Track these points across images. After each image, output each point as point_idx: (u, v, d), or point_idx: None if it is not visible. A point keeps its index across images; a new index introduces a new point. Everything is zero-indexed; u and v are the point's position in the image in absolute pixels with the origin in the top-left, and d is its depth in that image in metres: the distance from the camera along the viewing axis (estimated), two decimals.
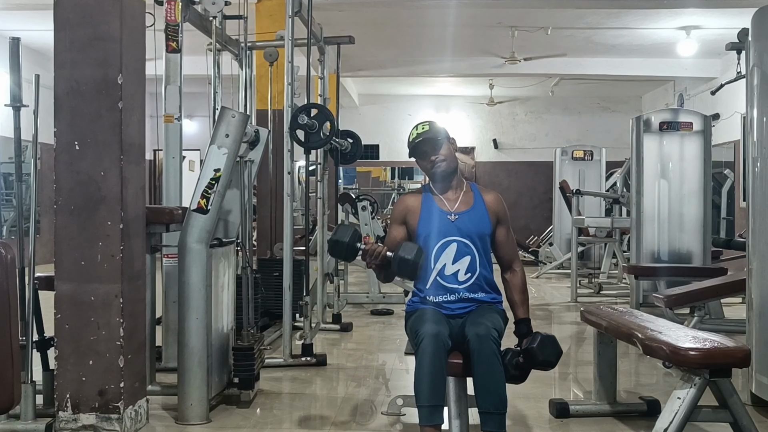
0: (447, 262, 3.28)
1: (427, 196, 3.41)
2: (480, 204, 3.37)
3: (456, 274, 3.28)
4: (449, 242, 3.29)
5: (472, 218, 3.33)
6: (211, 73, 5.93)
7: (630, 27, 10.24)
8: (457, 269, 3.28)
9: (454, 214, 3.32)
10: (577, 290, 8.70)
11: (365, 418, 3.99)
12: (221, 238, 4.14)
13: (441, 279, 3.29)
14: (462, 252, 3.28)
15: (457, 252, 3.28)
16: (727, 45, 5.33)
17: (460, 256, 3.28)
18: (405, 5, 9.16)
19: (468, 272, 3.29)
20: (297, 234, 6.88)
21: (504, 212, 3.42)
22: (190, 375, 3.80)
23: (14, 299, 2.63)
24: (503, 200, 3.46)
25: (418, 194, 3.45)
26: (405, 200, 3.49)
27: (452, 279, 3.28)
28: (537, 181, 15.52)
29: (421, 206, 3.37)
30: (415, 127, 3.43)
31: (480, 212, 3.35)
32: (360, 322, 6.97)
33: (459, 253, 3.28)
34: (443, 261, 3.28)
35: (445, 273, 3.29)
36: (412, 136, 3.40)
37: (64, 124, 3.53)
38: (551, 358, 3.14)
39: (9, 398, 2.52)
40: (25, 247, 3.66)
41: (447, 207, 3.35)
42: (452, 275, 3.28)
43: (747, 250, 4.19)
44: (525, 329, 3.32)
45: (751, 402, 4.02)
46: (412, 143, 3.39)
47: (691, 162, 7.78)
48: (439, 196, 3.38)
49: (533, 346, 3.13)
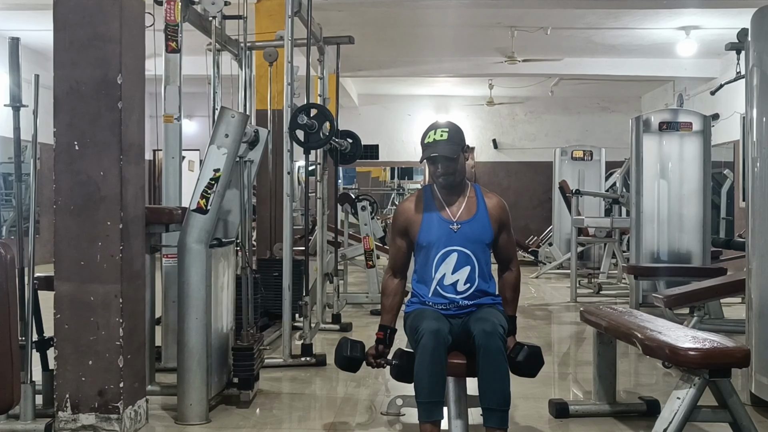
0: (447, 272, 3.28)
1: (428, 200, 3.36)
2: (483, 212, 3.33)
3: (455, 285, 3.29)
4: (450, 252, 3.28)
5: (474, 228, 3.30)
6: (210, 73, 5.93)
7: (630, 27, 10.24)
8: (456, 279, 3.29)
9: (456, 224, 3.30)
10: (576, 290, 8.70)
11: (365, 418, 3.98)
12: (221, 238, 4.13)
13: (440, 288, 3.30)
14: (462, 262, 3.28)
15: (457, 262, 3.28)
16: (726, 45, 5.34)
17: (460, 266, 3.28)
18: (405, 5, 9.16)
19: (467, 282, 3.29)
20: (296, 234, 6.88)
21: (507, 218, 3.40)
22: (189, 375, 3.80)
23: (14, 299, 2.62)
24: (506, 205, 3.42)
25: (418, 199, 3.38)
26: (405, 209, 3.42)
27: (451, 289, 3.29)
28: (536, 181, 15.51)
29: (422, 213, 3.33)
30: (434, 131, 3.30)
31: (482, 221, 3.32)
32: (360, 322, 6.96)
33: (459, 263, 3.28)
34: (443, 271, 3.28)
35: (444, 282, 3.29)
36: (429, 139, 3.29)
37: (64, 125, 3.53)
38: (534, 371, 3.26)
39: (8, 398, 2.51)
40: (24, 247, 3.66)
41: (449, 215, 3.32)
42: (451, 285, 3.29)
43: (746, 250, 4.18)
44: (511, 326, 3.34)
45: (750, 402, 4.02)
46: (426, 147, 3.29)
47: (690, 162, 7.78)
48: (441, 201, 3.35)
49: (519, 360, 3.21)
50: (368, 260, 8.02)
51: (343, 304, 7.23)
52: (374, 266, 8.03)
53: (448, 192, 3.35)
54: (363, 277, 9.15)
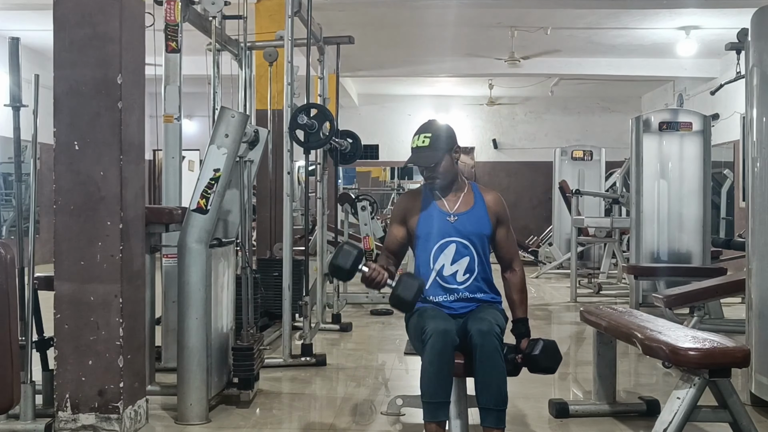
0: (446, 263, 3.29)
1: (426, 195, 3.40)
2: (480, 204, 3.36)
3: (455, 275, 3.29)
4: (448, 243, 3.29)
5: (471, 219, 3.32)
6: (210, 73, 5.93)
7: (630, 27, 10.24)
8: (455, 270, 3.29)
9: (453, 215, 3.32)
10: (576, 290, 8.70)
11: (365, 418, 3.99)
12: (221, 238, 4.13)
13: (440, 279, 3.29)
14: (461, 253, 3.28)
15: (456, 253, 3.28)
16: (726, 45, 5.34)
17: (459, 257, 3.28)
18: (405, 5, 9.16)
19: (466, 273, 3.29)
20: (296, 234, 6.87)
21: (504, 212, 3.40)
22: (189, 375, 3.80)
23: (14, 299, 2.62)
24: (503, 200, 3.44)
25: (418, 193, 3.44)
26: (404, 200, 3.49)
27: (451, 279, 3.29)
28: (536, 181, 15.52)
29: (420, 206, 3.37)
30: (417, 136, 3.35)
31: (479, 213, 3.35)
32: (360, 322, 6.97)
33: (458, 254, 3.28)
34: (442, 261, 3.29)
35: (443, 273, 3.29)
36: (413, 144, 3.35)
37: (64, 124, 3.53)
38: (553, 365, 3.22)
39: (8, 398, 2.51)
40: (24, 247, 3.66)
41: (446, 207, 3.34)
42: (451, 275, 3.29)
43: (746, 250, 4.18)
44: (523, 329, 3.33)
45: (750, 402, 4.02)
46: (411, 151, 3.36)
47: (690, 162, 7.77)
48: (438, 196, 3.38)
49: (536, 353, 3.17)
50: (368, 260, 8.02)
51: (343, 304, 7.23)
52: None
53: (445, 190, 3.38)
54: None
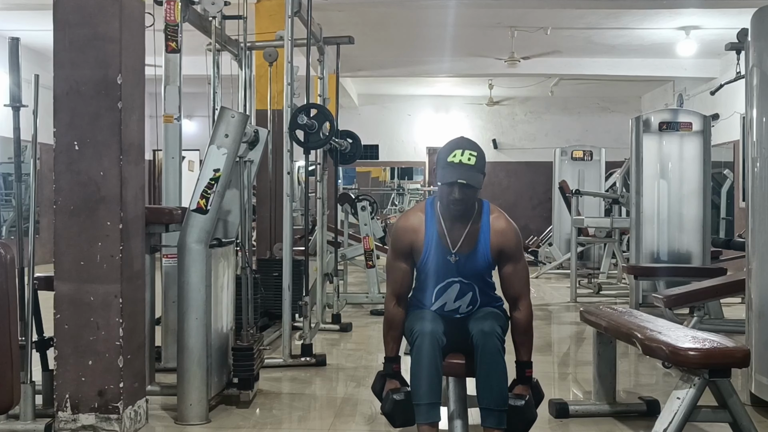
0: (448, 300, 3.26)
1: (430, 220, 3.18)
2: (484, 241, 3.16)
3: (457, 309, 3.28)
4: (451, 283, 3.22)
5: (472, 260, 3.18)
6: (210, 73, 5.93)
7: (629, 27, 10.23)
8: (458, 305, 3.27)
9: (454, 255, 3.17)
10: (576, 290, 8.70)
11: (365, 418, 3.98)
12: (221, 239, 4.13)
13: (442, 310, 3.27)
14: (464, 291, 3.24)
15: (459, 292, 3.24)
16: (726, 45, 5.34)
17: (462, 294, 3.25)
18: (405, 5, 9.16)
19: (470, 305, 3.28)
20: (296, 234, 6.87)
21: (512, 246, 3.17)
22: (189, 375, 3.80)
23: (14, 299, 2.63)
24: (514, 232, 3.18)
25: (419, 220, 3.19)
26: (408, 229, 3.21)
27: (453, 312, 3.28)
28: (536, 181, 15.51)
29: (423, 238, 3.17)
30: (462, 151, 3.05)
31: (482, 252, 3.17)
32: (359, 323, 6.96)
33: (461, 292, 3.24)
34: (444, 299, 3.26)
35: (445, 309, 3.27)
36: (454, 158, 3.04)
37: (64, 125, 3.53)
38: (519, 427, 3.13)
39: (8, 398, 2.52)
40: (24, 247, 3.66)
41: (449, 243, 3.16)
42: (453, 309, 3.27)
43: (746, 250, 4.18)
44: (521, 373, 3.21)
45: (750, 402, 4.02)
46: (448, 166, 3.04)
47: (690, 162, 7.77)
48: (442, 225, 3.17)
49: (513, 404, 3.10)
50: (368, 260, 8.02)
51: (343, 304, 7.23)
52: (374, 266, 8.03)
53: (454, 218, 3.15)
54: (363, 277, 9.15)
